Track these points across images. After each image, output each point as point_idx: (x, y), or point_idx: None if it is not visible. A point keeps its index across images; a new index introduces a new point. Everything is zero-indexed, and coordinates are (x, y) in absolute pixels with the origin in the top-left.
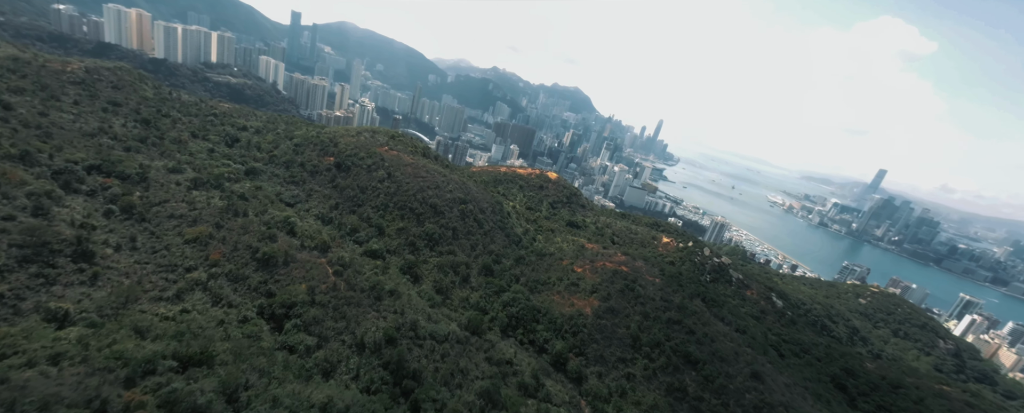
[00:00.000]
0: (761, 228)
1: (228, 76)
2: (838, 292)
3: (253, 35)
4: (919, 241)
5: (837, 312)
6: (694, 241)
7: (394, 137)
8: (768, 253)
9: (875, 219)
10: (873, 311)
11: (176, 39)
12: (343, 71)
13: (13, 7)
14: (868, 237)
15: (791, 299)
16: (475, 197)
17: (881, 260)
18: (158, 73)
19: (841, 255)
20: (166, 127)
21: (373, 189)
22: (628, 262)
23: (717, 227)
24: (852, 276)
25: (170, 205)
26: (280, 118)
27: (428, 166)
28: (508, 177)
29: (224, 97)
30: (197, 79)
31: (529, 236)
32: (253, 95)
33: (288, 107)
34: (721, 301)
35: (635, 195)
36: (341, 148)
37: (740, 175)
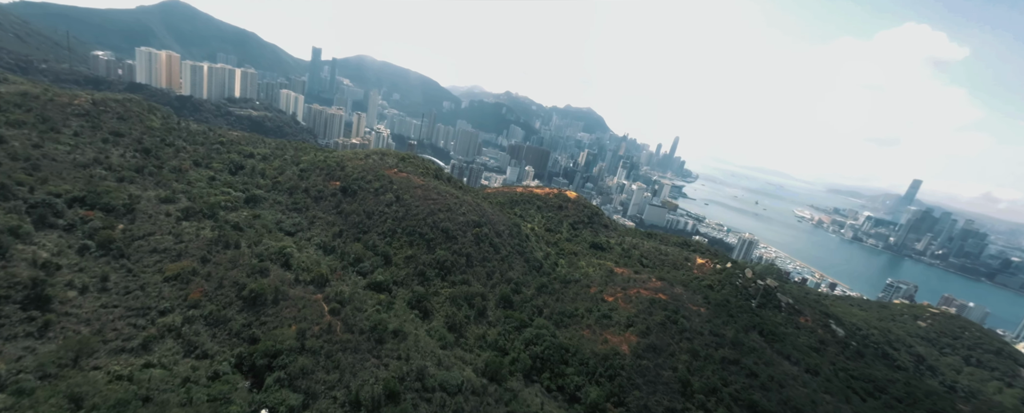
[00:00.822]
0: (791, 245)
1: (250, 110)
2: (892, 314)
3: (277, 71)
4: (966, 254)
5: (896, 337)
6: (732, 262)
7: (404, 159)
8: (802, 271)
9: (914, 232)
10: (936, 335)
11: (202, 77)
12: (361, 101)
13: (57, 55)
14: (908, 251)
15: (848, 325)
16: (491, 219)
17: (926, 276)
18: (184, 109)
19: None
20: (167, 156)
21: (380, 214)
22: (666, 288)
23: (745, 244)
24: (898, 294)
25: (155, 238)
26: (289, 144)
27: (439, 188)
28: (525, 198)
29: (245, 129)
30: (220, 113)
31: (550, 261)
32: (273, 126)
33: (307, 137)
34: (781, 334)
35: (655, 213)
36: (348, 172)
37: (763, 190)
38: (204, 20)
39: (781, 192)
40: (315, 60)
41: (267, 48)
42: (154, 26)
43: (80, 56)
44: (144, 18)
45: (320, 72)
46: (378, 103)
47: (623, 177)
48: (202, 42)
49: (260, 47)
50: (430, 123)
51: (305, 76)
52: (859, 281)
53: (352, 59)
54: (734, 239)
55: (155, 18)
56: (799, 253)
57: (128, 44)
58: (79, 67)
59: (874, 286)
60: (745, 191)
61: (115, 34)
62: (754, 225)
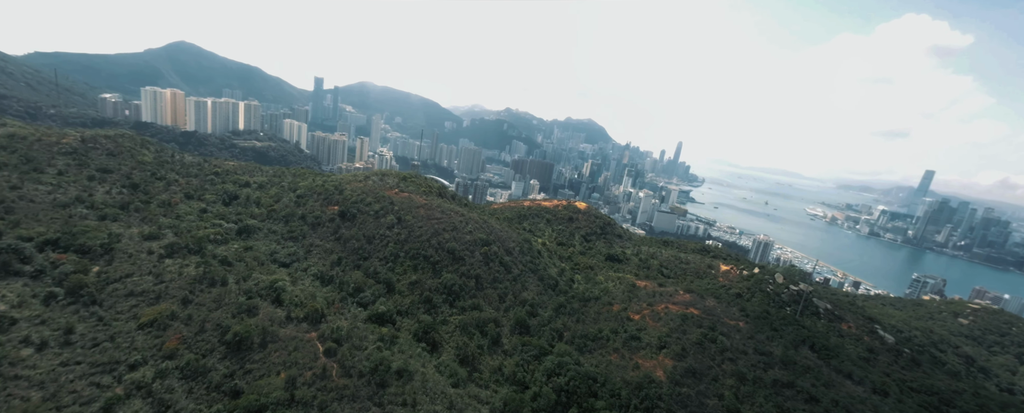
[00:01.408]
0: (807, 244)
1: (254, 141)
2: (929, 312)
3: (281, 103)
4: (990, 244)
5: (940, 337)
6: (760, 266)
7: (406, 178)
8: (822, 270)
9: (933, 224)
10: (981, 333)
11: (206, 112)
12: (364, 126)
13: (67, 100)
14: (929, 244)
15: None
16: (499, 237)
17: (950, 268)
18: (189, 144)
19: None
20: (157, 190)
21: (381, 238)
22: (696, 301)
23: (760, 246)
24: (925, 289)
25: (132, 280)
26: (287, 171)
27: (443, 206)
28: (533, 211)
29: (250, 160)
30: (225, 146)
31: (566, 277)
32: (277, 156)
33: (311, 164)
34: (835, 348)
35: (665, 220)
36: (346, 195)
37: (771, 190)
38: (209, 58)
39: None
40: (317, 89)
41: (271, 81)
42: (162, 67)
43: (90, 100)
44: (152, 60)
45: (323, 101)
46: (381, 127)
47: (629, 185)
48: (208, 79)
49: (264, 81)
50: (433, 143)
51: (308, 105)
52: (882, 278)
53: (354, 86)
54: (747, 242)
55: (162, 59)
56: (817, 252)
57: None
58: (87, 110)
59: (899, 282)
60: (754, 192)
61: (125, 77)
62: (766, 226)
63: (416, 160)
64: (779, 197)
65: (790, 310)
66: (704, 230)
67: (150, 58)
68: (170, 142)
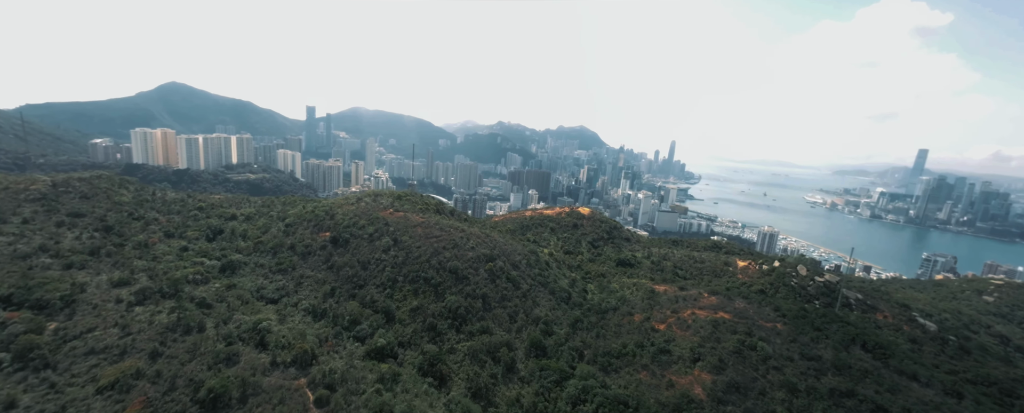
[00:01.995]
0: (811, 232)
1: (248, 174)
2: (952, 292)
3: (275, 134)
4: (993, 217)
5: (969, 317)
6: (780, 260)
7: (401, 198)
8: (829, 257)
9: (933, 202)
10: (1009, 309)
11: (198, 149)
12: (359, 151)
13: (57, 148)
14: (931, 222)
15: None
16: (504, 250)
17: (957, 245)
18: (181, 182)
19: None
20: (133, 231)
21: (377, 262)
22: (724, 304)
23: (766, 238)
24: (937, 268)
25: (94, 335)
26: (277, 200)
27: (442, 223)
28: (536, 221)
29: (244, 193)
30: (218, 181)
31: (578, 288)
32: (272, 187)
33: (307, 192)
34: (891, 346)
35: (666, 219)
36: (338, 220)
37: (768, 181)
38: (201, 97)
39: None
40: (310, 118)
41: (263, 114)
42: (154, 109)
43: (81, 147)
44: (143, 103)
45: (316, 129)
46: (375, 150)
47: (627, 187)
48: (201, 117)
49: (257, 114)
50: (428, 162)
51: (302, 134)
52: (891, 260)
53: (346, 112)
54: (751, 234)
55: (154, 101)
56: (822, 239)
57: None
58: (78, 157)
59: (909, 263)
60: (751, 185)
61: (118, 121)
62: (768, 217)
63: (413, 180)
64: (776, 187)
65: (819, 304)
66: (707, 226)
67: (142, 101)
68: (162, 181)
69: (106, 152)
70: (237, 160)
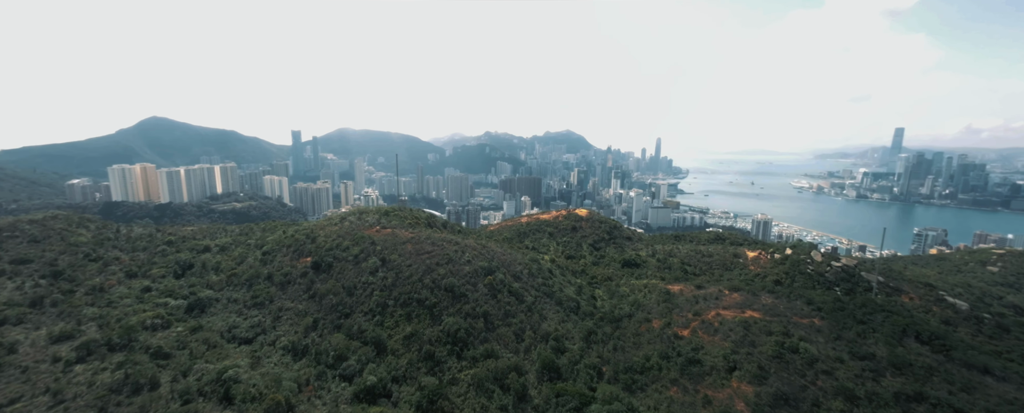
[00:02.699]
0: (802, 216)
1: (233, 203)
2: (955, 265)
3: (261, 162)
4: (973, 189)
5: (979, 290)
6: (792, 247)
7: (388, 213)
8: (823, 240)
9: (915, 178)
10: (1015, 278)
11: (179, 182)
12: (348, 171)
13: (31, 192)
14: (915, 198)
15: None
16: (503, 261)
17: (943, 218)
18: (164, 216)
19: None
20: (88, 274)
21: (364, 286)
22: (750, 301)
23: (760, 226)
24: (930, 242)
25: (18, 407)
26: (256, 226)
27: (434, 237)
28: (533, 227)
29: (230, 222)
30: (203, 212)
31: (586, 295)
32: (259, 214)
33: (296, 216)
34: (946, 335)
35: (659, 215)
36: (320, 243)
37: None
38: (183, 129)
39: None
40: (296, 142)
41: (249, 142)
42: (135, 145)
43: (57, 189)
44: (124, 139)
45: (303, 153)
46: (364, 169)
47: (618, 187)
48: (184, 150)
49: (242, 142)
50: (418, 176)
51: (289, 159)
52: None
53: (333, 134)
54: (744, 224)
55: (135, 137)
56: (813, 223)
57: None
58: (54, 199)
59: (900, 240)
60: (738, 175)
61: (98, 161)
62: (758, 205)
63: (404, 196)
64: (763, 176)
65: (840, 290)
66: (700, 219)
67: (122, 138)
68: (144, 217)
69: (84, 192)
70: (222, 190)
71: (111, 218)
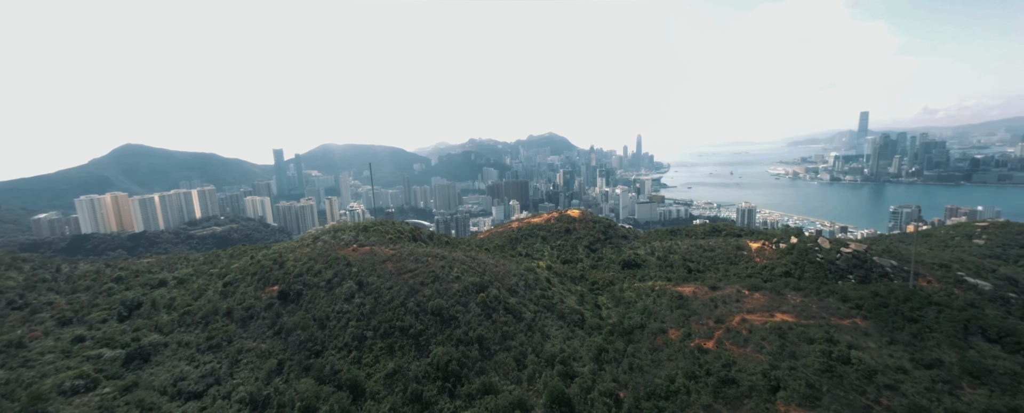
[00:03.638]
0: (783, 202)
1: (213, 227)
2: (941, 240)
3: (244, 183)
4: (937, 165)
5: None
6: (796, 236)
7: (367, 228)
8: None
9: (883, 158)
10: (1001, 249)
11: (154, 209)
12: (333, 187)
13: None
14: (885, 177)
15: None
16: (496, 274)
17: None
18: (138, 246)
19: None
20: (8, 326)
21: (338, 316)
22: (777, 302)
23: (744, 214)
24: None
25: None
26: (223, 253)
27: (418, 253)
28: (525, 232)
29: (210, 247)
30: (180, 239)
31: (589, 303)
32: (240, 237)
33: (280, 236)
34: (1016, 331)
35: (646, 210)
36: (288, 268)
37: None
38: (160, 155)
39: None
40: (279, 161)
41: (230, 164)
42: (109, 174)
43: (23, 225)
44: (97, 169)
45: (286, 171)
46: (350, 184)
47: (603, 185)
48: (162, 176)
49: (222, 165)
50: (405, 187)
51: (272, 179)
52: (861, 218)
53: (316, 150)
54: (729, 213)
55: (109, 166)
56: (794, 207)
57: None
58: (18, 236)
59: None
60: (717, 166)
61: (70, 193)
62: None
63: (390, 208)
64: (740, 165)
65: (854, 278)
66: (686, 211)
67: (95, 168)
68: (116, 249)
69: (51, 226)
70: (201, 214)
71: (79, 252)
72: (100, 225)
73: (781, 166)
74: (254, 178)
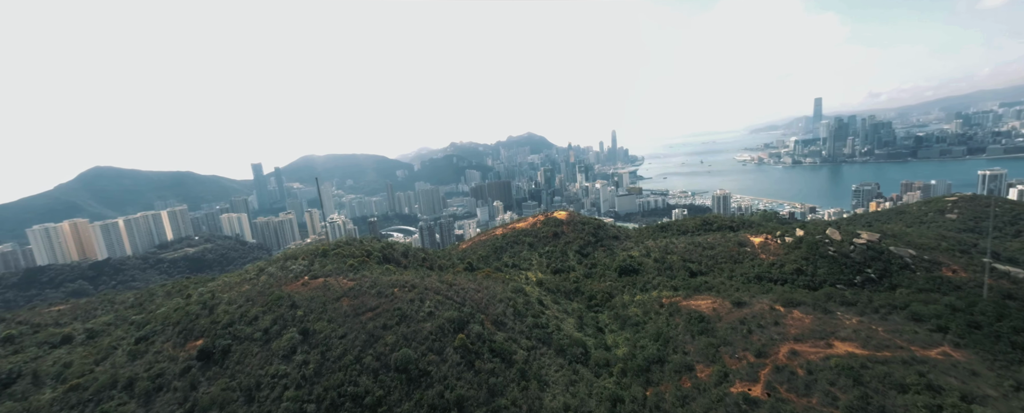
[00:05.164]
0: (752, 186)
1: (186, 249)
2: (916, 217)
3: (223, 199)
4: (885, 144)
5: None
6: (800, 227)
7: (325, 253)
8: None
9: (838, 141)
10: (974, 223)
11: (119, 235)
12: (316, 199)
13: None
14: (841, 158)
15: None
16: (479, 302)
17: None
18: (101, 276)
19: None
20: None
21: (272, 382)
22: (826, 324)
23: (720, 200)
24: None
25: None
26: (160, 288)
27: (382, 282)
28: (510, 239)
29: (183, 270)
30: (149, 264)
31: (590, 327)
32: (215, 258)
33: (259, 253)
34: None
35: (626, 202)
36: (218, 315)
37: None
38: (132, 176)
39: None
40: (258, 175)
41: (207, 181)
42: (78, 199)
43: None
44: (65, 195)
45: (267, 185)
46: (333, 194)
47: (583, 181)
48: (135, 198)
49: (200, 183)
50: (389, 194)
51: (252, 193)
52: (825, 197)
53: (298, 162)
54: (704, 200)
55: (77, 191)
56: (764, 191)
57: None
58: None
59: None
60: (688, 156)
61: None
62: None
63: (373, 217)
64: (709, 154)
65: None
66: (663, 202)
67: (61, 194)
68: (76, 280)
69: (4, 259)
70: (173, 236)
71: (34, 286)
72: (58, 255)
73: (746, 153)
74: (234, 194)
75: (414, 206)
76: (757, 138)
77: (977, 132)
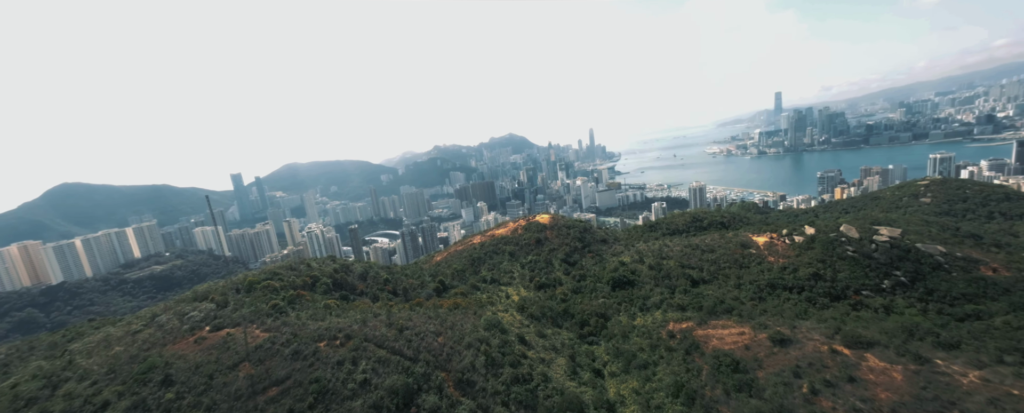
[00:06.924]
0: (724, 177)
1: (152, 266)
2: (892, 203)
3: (201, 212)
4: (840, 133)
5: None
6: (810, 224)
7: (252, 287)
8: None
9: (798, 131)
10: (948, 205)
11: (76, 256)
12: (299, 206)
13: None
14: (802, 147)
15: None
16: (439, 351)
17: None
18: (54, 302)
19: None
20: None
21: None
22: (935, 381)
23: (696, 192)
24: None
25: None
26: (87, 325)
27: (309, 330)
28: (490, 247)
29: (149, 290)
30: (110, 286)
31: (586, 371)
32: (185, 275)
33: (234, 267)
34: None
35: (606, 197)
36: (60, 398)
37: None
38: (104, 192)
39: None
40: (238, 186)
41: (185, 193)
42: (44, 218)
43: None
44: (29, 214)
45: (248, 195)
46: (316, 201)
47: (564, 178)
48: (108, 214)
49: (177, 195)
50: (373, 199)
51: (233, 204)
52: (791, 185)
53: (281, 170)
54: (681, 192)
55: (43, 210)
56: (735, 181)
57: None
58: None
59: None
60: (661, 150)
61: None
62: (685, 174)
63: (354, 224)
64: (681, 148)
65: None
66: (642, 195)
67: (26, 213)
68: (24, 308)
69: None
70: (141, 254)
71: None
72: (7, 282)
73: (715, 145)
74: (214, 204)
75: (399, 210)
76: (724, 131)
77: (919, 119)
